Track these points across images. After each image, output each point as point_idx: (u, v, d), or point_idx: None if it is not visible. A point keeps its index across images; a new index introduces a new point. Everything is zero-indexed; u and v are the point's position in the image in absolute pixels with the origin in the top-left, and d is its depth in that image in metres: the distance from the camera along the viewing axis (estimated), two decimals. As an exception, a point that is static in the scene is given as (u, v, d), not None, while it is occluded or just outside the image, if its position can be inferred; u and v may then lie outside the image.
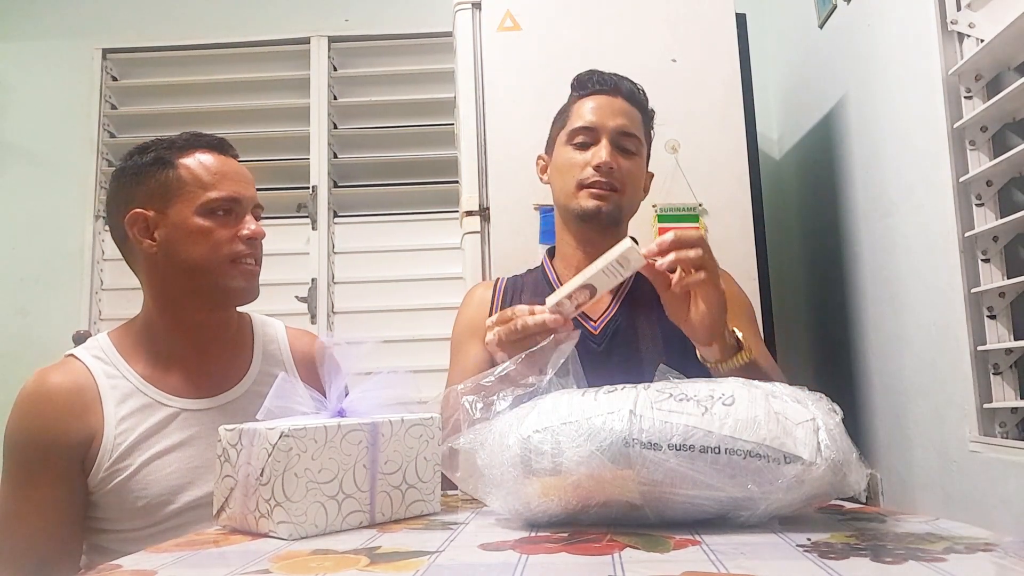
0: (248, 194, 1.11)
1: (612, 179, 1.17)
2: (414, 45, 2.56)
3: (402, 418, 0.79)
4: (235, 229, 1.08)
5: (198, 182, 1.07)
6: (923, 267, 1.42)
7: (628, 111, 1.20)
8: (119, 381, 1.06)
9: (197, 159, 1.08)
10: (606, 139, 1.17)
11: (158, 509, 1.01)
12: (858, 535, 0.63)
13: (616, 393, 0.72)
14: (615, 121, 1.18)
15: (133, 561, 0.61)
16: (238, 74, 2.59)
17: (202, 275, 1.06)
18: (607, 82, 1.22)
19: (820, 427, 0.67)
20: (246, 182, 1.11)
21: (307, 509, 0.70)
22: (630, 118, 1.20)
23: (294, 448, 0.69)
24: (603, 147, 1.17)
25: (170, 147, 1.09)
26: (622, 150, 1.18)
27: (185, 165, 1.07)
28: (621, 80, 1.22)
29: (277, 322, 1.26)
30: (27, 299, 2.49)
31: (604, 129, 1.18)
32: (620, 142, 1.18)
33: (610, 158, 1.16)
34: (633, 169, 1.19)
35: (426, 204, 2.51)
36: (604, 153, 1.16)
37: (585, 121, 1.19)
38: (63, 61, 2.60)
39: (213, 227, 1.06)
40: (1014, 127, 1.25)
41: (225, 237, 1.06)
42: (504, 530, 0.69)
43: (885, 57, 1.56)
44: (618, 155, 1.17)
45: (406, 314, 2.41)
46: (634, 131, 1.19)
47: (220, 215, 1.07)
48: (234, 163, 1.12)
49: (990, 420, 1.23)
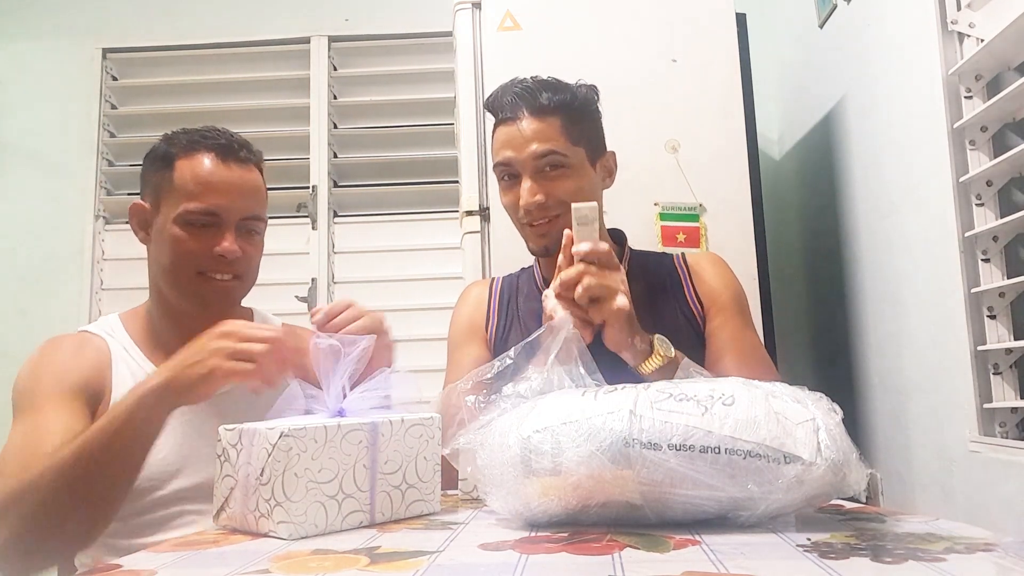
0: (236, 206, 1.07)
1: (547, 211, 1.12)
2: (414, 45, 2.56)
3: (402, 418, 0.79)
4: (212, 243, 1.05)
5: (184, 189, 1.05)
6: (923, 267, 1.42)
7: (539, 130, 1.12)
8: (127, 359, 1.09)
9: (192, 164, 1.06)
10: (526, 174, 1.12)
11: (145, 494, 1.01)
12: (858, 535, 0.63)
13: (616, 393, 0.72)
14: (528, 149, 1.11)
15: (133, 561, 0.61)
16: (238, 74, 2.59)
17: (171, 283, 1.08)
18: (508, 107, 1.14)
19: (820, 427, 0.67)
20: (237, 194, 1.08)
21: (307, 509, 0.69)
22: (544, 136, 1.11)
23: (294, 448, 0.69)
24: (525, 187, 1.12)
25: (177, 144, 1.08)
26: (547, 171, 1.12)
27: (180, 168, 1.06)
28: (523, 94, 1.14)
29: (275, 320, 1.26)
30: (27, 299, 2.49)
31: (520, 162, 1.12)
32: (541, 166, 1.12)
33: (534, 194, 1.11)
34: (562, 187, 1.12)
35: (426, 204, 2.51)
36: (527, 194, 1.12)
37: (501, 158, 1.15)
38: (63, 61, 2.60)
39: (186, 238, 1.05)
40: (1014, 127, 1.25)
41: (197, 249, 1.05)
42: (504, 530, 0.69)
43: (885, 57, 1.56)
44: (544, 182, 1.12)
45: (406, 314, 2.41)
46: (552, 148, 1.11)
47: (198, 226, 1.05)
48: (233, 172, 1.08)
49: (990, 420, 1.23)
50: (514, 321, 1.22)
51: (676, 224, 1.65)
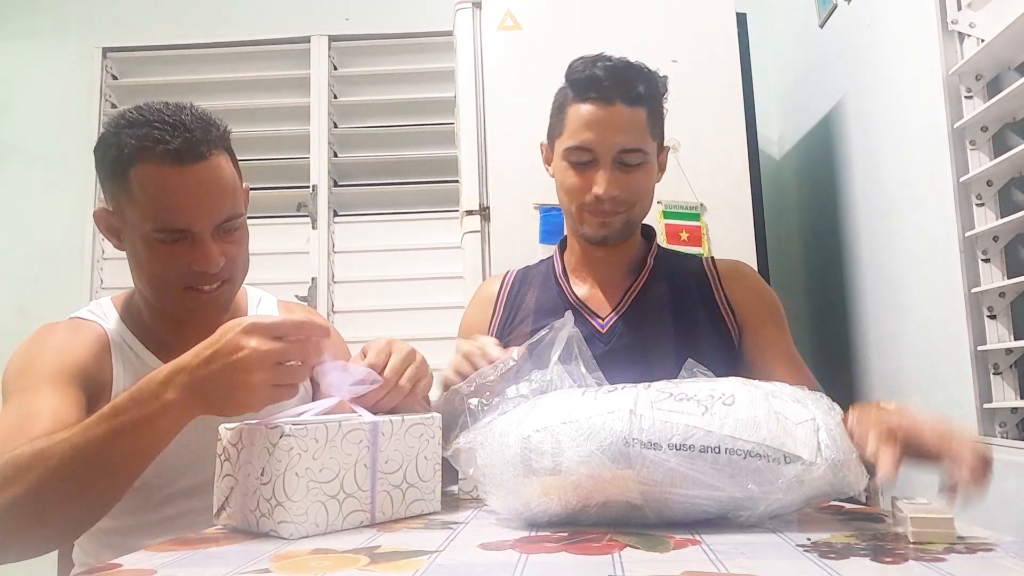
0: (205, 216, 0.95)
1: (618, 205, 1.10)
2: (414, 44, 2.56)
3: (403, 417, 0.78)
4: (189, 258, 0.95)
5: (146, 208, 0.93)
6: (923, 267, 1.42)
7: (628, 121, 1.09)
8: (123, 346, 1.03)
9: (147, 177, 0.93)
10: (606, 164, 1.08)
11: (154, 492, 0.98)
12: (858, 535, 0.63)
13: (616, 393, 0.72)
14: (614, 140, 1.08)
15: (133, 560, 0.61)
16: (238, 73, 2.59)
17: (157, 297, 1.01)
18: (604, 90, 1.08)
19: (820, 427, 0.67)
20: (204, 202, 0.95)
21: (308, 508, 0.69)
22: (631, 129, 1.09)
23: (295, 448, 0.69)
24: (602, 177, 1.08)
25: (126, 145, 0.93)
26: (625, 166, 1.09)
27: (134, 180, 0.93)
28: (619, 79, 1.09)
29: (270, 298, 1.20)
30: (27, 299, 2.49)
31: (603, 151, 1.08)
32: (622, 159, 1.09)
33: (610, 187, 1.08)
34: (639, 182, 1.11)
35: (426, 203, 2.51)
36: (603, 184, 1.08)
37: (580, 140, 1.09)
38: (63, 60, 2.59)
39: (160, 257, 0.96)
40: (1014, 127, 1.25)
41: (175, 268, 0.96)
42: (504, 530, 0.69)
43: (885, 57, 1.56)
44: (620, 175, 1.09)
45: (406, 313, 2.41)
46: (637, 145, 1.09)
47: (170, 243, 0.95)
48: (196, 176, 0.93)
49: (990, 420, 1.23)
50: (519, 312, 1.21)
51: (679, 223, 1.65)
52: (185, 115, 0.95)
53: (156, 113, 0.94)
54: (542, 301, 1.20)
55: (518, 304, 1.22)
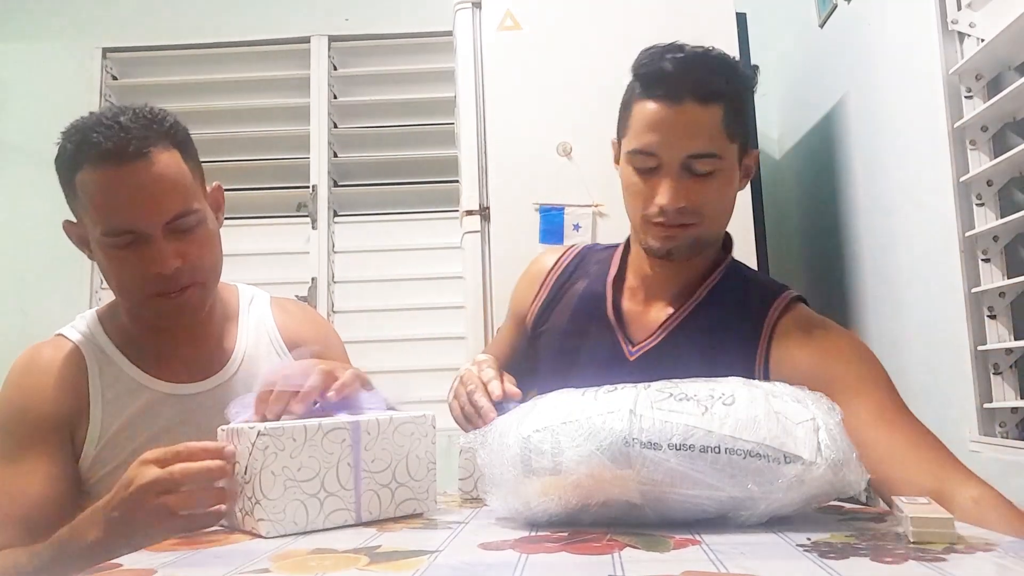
0: (149, 214, 0.92)
1: (683, 218, 0.96)
2: (414, 44, 2.56)
3: (390, 416, 0.78)
4: (145, 262, 0.93)
5: (92, 212, 0.93)
6: (923, 267, 1.42)
7: (700, 122, 0.94)
8: (104, 362, 1.03)
9: (86, 179, 0.92)
10: (672, 171, 0.95)
11: None
12: (858, 535, 0.63)
13: (616, 392, 0.72)
14: (681, 145, 0.94)
15: (133, 560, 0.61)
16: (238, 73, 2.59)
17: (129, 306, 1.02)
18: (668, 84, 0.95)
19: (820, 427, 0.67)
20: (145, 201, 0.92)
21: (286, 507, 0.70)
22: (702, 132, 0.95)
23: (271, 447, 0.70)
24: (667, 185, 0.95)
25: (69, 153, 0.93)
26: (695, 173, 0.95)
27: (79, 185, 0.93)
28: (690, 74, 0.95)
29: (263, 296, 1.18)
30: (27, 299, 2.49)
31: (668, 156, 0.95)
32: (691, 166, 0.95)
33: (676, 197, 0.95)
34: (711, 191, 0.96)
35: (426, 203, 2.51)
36: (667, 194, 0.95)
37: (643, 143, 0.96)
38: (63, 61, 2.59)
39: (117, 263, 0.95)
40: (1014, 127, 1.25)
41: (134, 274, 0.94)
42: (504, 530, 0.69)
43: (885, 57, 1.56)
44: (689, 183, 0.95)
45: (406, 313, 2.42)
46: (709, 149, 0.95)
47: (123, 247, 0.93)
48: (134, 174, 0.91)
49: (990, 420, 1.23)
50: (564, 298, 1.12)
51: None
52: (125, 116, 0.93)
53: (96, 117, 0.94)
54: (584, 300, 1.09)
55: (566, 288, 1.12)
